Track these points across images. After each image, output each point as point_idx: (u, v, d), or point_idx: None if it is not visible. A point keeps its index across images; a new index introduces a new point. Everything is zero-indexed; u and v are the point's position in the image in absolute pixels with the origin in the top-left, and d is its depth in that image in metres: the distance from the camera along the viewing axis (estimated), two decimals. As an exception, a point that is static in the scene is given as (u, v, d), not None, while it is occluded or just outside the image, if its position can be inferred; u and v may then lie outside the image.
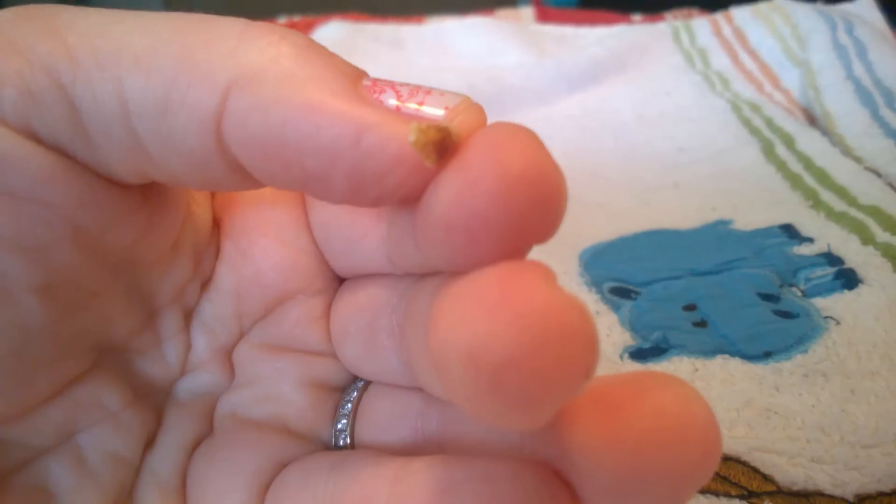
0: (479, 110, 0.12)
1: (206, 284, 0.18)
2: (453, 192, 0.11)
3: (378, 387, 0.17)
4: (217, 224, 0.18)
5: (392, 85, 0.12)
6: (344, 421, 0.17)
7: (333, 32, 0.65)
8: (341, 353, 0.17)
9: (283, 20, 0.75)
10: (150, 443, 0.16)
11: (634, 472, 0.11)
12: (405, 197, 0.12)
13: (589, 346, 0.10)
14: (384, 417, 0.16)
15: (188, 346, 0.18)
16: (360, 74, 0.12)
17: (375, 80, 0.12)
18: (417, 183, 0.11)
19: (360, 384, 0.18)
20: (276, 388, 0.17)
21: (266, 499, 0.15)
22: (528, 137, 0.11)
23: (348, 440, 0.17)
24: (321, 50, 0.12)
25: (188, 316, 0.18)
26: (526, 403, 0.10)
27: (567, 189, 0.11)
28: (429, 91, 0.12)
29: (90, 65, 0.12)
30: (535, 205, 0.10)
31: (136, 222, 0.15)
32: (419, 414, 0.16)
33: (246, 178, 0.13)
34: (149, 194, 0.15)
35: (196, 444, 0.17)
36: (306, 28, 0.68)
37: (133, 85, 0.12)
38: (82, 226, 0.13)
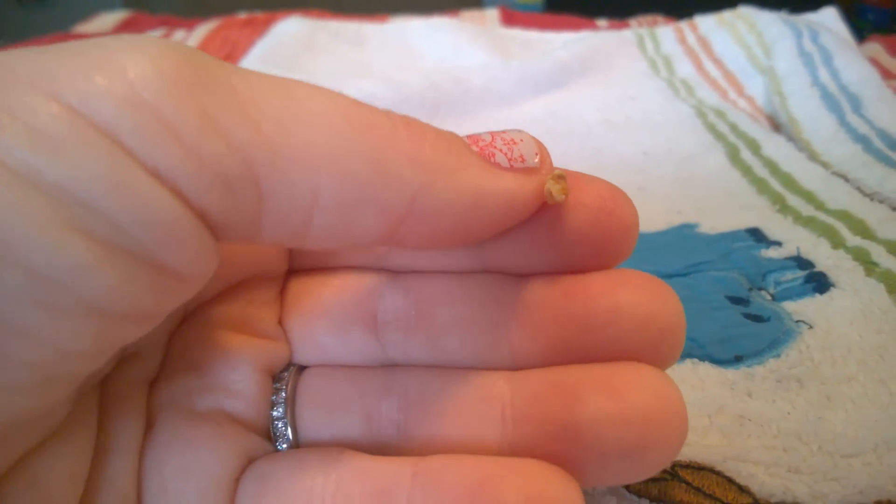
0: (540, 144, 0.15)
1: None
2: (588, 221, 0.15)
3: (322, 371, 0.17)
4: None
5: (486, 143, 0.14)
6: (281, 408, 0.16)
7: (293, 28, 0.63)
8: (302, 337, 0.17)
9: (243, 15, 0.73)
10: (99, 450, 0.14)
11: (639, 441, 0.13)
12: None
13: (683, 326, 0.15)
14: (334, 400, 0.16)
15: None
16: (464, 140, 0.14)
17: (475, 140, 0.14)
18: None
19: (291, 371, 0.17)
20: (223, 375, 0.16)
21: (238, 496, 0.14)
22: (614, 190, 0.15)
23: (288, 427, 0.16)
24: (444, 134, 0.14)
25: None
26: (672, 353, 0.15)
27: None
28: (512, 140, 0.15)
29: (289, 160, 0.12)
30: (628, 227, 0.15)
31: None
32: (377, 394, 0.16)
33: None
34: None
35: (141, 443, 0.15)
36: (266, 23, 0.65)
37: (328, 185, 0.12)
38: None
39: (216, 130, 0.11)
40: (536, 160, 0.15)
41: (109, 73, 0.11)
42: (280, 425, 0.16)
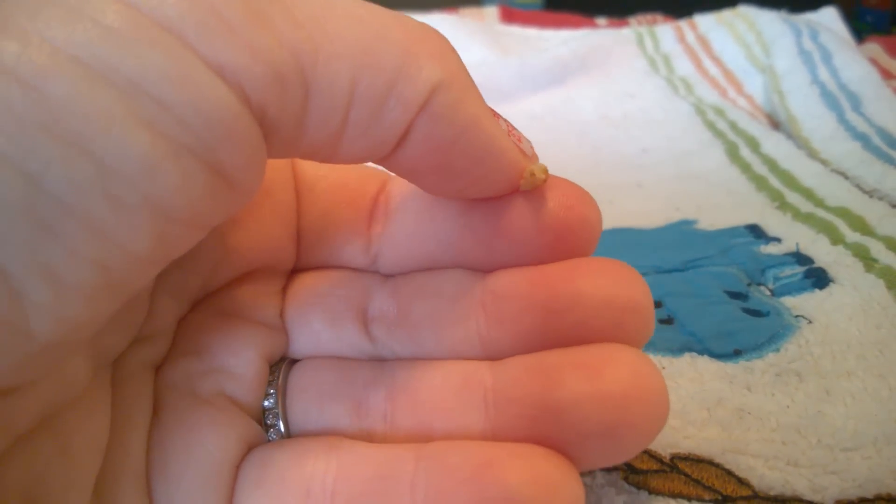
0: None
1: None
2: (549, 214, 0.16)
3: (312, 363, 0.17)
4: None
5: (493, 111, 0.15)
6: (272, 399, 0.16)
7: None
8: (299, 327, 0.18)
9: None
10: (116, 424, 0.15)
11: (619, 419, 0.13)
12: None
13: (648, 305, 0.15)
14: (323, 390, 0.16)
15: (144, 313, 0.16)
16: None
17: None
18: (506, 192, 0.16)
19: (283, 364, 0.17)
20: (225, 360, 0.16)
21: (238, 482, 0.15)
22: (576, 188, 0.16)
23: (279, 419, 0.16)
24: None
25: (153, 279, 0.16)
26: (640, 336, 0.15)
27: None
28: (514, 126, 0.16)
29: (329, 53, 0.12)
30: (588, 220, 0.16)
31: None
32: (366, 384, 0.16)
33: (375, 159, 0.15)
34: None
35: (149, 424, 0.15)
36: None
37: (363, 77, 0.12)
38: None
39: (266, 26, 0.12)
40: (530, 151, 0.16)
41: None
42: (271, 417, 0.16)
